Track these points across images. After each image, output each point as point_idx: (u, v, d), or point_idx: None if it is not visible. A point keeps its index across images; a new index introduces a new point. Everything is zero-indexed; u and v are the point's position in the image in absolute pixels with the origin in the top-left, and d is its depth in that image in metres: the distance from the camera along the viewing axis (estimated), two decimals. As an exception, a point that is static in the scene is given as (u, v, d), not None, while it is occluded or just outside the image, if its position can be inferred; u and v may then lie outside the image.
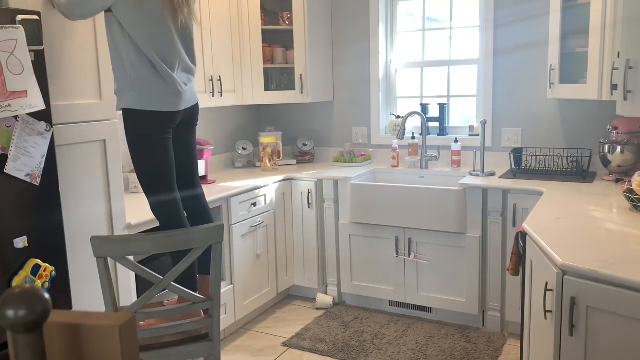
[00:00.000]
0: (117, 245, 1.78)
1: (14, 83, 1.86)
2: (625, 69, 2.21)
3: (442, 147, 3.80)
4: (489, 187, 3.12)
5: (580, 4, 2.95)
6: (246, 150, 4.11)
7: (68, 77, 2.21)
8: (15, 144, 1.92)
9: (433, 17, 3.96)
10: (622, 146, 3.02)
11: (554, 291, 1.74)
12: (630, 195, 2.29)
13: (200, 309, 1.93)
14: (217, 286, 1.93)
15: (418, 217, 3.29)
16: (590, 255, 1.75)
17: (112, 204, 2.43)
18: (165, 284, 1.83)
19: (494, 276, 3.20)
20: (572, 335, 1.68)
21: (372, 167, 3.88)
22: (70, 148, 2.22)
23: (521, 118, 3.59)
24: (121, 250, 1.79)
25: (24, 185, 1.97)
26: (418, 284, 3.40)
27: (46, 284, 2.06)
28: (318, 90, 3.97)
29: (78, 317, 0.79)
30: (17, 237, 1.96)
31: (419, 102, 4.00)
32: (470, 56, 3.78)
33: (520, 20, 3.50)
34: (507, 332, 3.24)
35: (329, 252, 3.69)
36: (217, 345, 1.99)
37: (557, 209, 2.43)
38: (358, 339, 3.20)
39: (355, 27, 4.05)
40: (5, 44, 1.85)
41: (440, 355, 2.99)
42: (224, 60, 3.61)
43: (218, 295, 1.94)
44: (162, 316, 1.92)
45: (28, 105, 1.90)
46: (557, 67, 3.12)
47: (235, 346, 3.18)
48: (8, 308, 0.66)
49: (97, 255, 1.77)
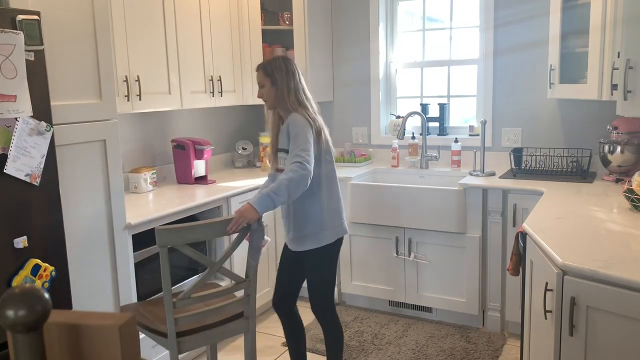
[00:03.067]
0: (180, 234, 1.95)
1: (4, 87, 1.85)
2: (625, 69, 2.21)
3: (442, 147, 3.80)
4: (489, 187, 3.12)
5: (580, 4, 2.95)
6: (246, 150, 4.11)
7: (68, 77, 2.21)
8: (15, 144, 1.92)
9: (433, 17, 3.96)
10: (622, 146, 3.02)
11: (554, 291, 1.74)
12: (630, 195, 2.29)
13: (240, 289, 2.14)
14: (254, 267, 2.16)
15: (418, 217, 3.29)
16: (590, 255, 1.75)
17: (112, 204, 2.43)
18: (217, 267, 2.05)
19: (494, 276, 3.20)
20: (572, 335, 1.68)
21: (372, 167, 3.88)
22: (70, 148, 2.22)
23: (521, 118, 3.59)
24: (183, 238, 1.96)
25: (24, 185, 1.97)
26: (418, 284, 3.40)
27: (46, 284, 2.06)
28: (318, 90, 3.97)
29: (78, 317, 0.79)
30: (17, 237, 1.96)
31: (419, 102, 4.00)
32: (470, 56, 3.78)
33: (520, 20, 3.50)
34: (507, 332, 3.24)
35: (329, 252, 3.68)
36: (253, 322, 2.20)
37: (557, 209, 2.43)
38: (358, 339, 3.20)
39: (355, 27, 4.05)
40: (3, 47, 1.85)
41: (440, 355, 2.99)
42: (224, 60, 3.61)
43: (254, 275, 2.17)
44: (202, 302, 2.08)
45: (15, 109, 1.89)
46: (557, 67, 3.12)
47: (235, 346, 3.18)
48: (8, 308, 0.67)
49: (161, 245, 1.92)
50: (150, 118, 3.47)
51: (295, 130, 2.29)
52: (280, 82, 2.38)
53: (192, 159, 3.44)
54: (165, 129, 3.61)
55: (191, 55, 3.30)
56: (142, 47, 2.94)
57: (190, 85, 3.30)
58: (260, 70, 2.43)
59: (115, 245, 2.45)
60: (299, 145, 2.25)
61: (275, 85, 2.39)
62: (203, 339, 2.11)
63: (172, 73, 3.15)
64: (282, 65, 2.40)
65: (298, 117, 2.33)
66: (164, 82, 3.11)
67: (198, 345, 2.13)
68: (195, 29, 3.33)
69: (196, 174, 3.49)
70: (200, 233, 2.01)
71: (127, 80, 2.82)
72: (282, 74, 2.38)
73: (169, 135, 3.61)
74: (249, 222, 2.09)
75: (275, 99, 2.41)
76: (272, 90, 2.40)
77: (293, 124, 2.32)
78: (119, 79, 2.78)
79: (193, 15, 3.31)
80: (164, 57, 3.10)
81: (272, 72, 2.39)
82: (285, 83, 2.38)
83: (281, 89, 2.38)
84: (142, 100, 2.92)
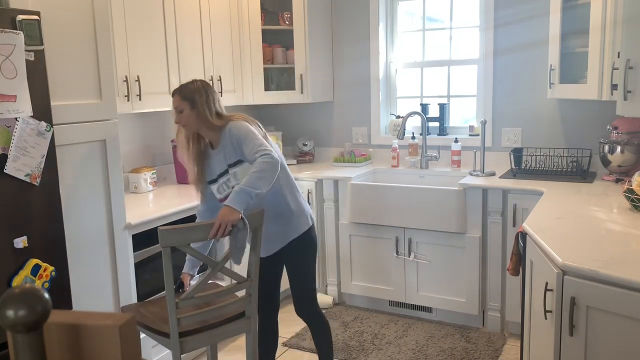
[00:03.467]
0: (182, 235, 1.96)
1: (4, 86, 1.86)
2: (625, 69, 2.21)
3: (442, 147, 3.80)
4: (489, 187, 3.12)
5: (580, 4, 2.95)
6: (246, 150, 4.10)
7: (68, 77, 2.21)
8: (15, 144, 1.92)
9: (433, 17, 3.96)
10: (622, 146, 3.02)
11: (554, 291, 1.74)
12: (630, 195, 2.29)
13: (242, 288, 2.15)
14: (256, 267, 2.17)
15: (418, 217, 3.29)
16: (590, 255, 1.75)
17: (112, 204, 2.43)
18: (219, 267, 2.08)
19: (494, 276, 3.20)
20: (572, 335, 1.68)
21: (372, 167, 3.88)
22: (70, 148, 2.22)
23: (521, 118, 3.59)
24: (186, 239, 1.98)
25: (24, 185, 1.97)
26: (418, 284, 3.40)
27: (46, 284, 2.06)
28: (318, 90, 3.97)
29: (78, 317, 0.79)
30: (17, 237, 1.96)
31: (419, 102, 4.00)
32: (470, 56, 3.78)
33: (520, 20, 3.50)
34: (507, 332, 3.24)
35: (329, 252, 3.69)
36: (255, 321, 2.22)
37: (557, 209, 2.43)
38: (358, 339, 3.20)
39: (355, 27, 4.05)
40: (3, 47, 1.85)
41: (440, 355, 2.99)
42: (224, 60, 3.61)
43: (256, 274, 2.18)
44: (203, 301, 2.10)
45: (15, 110, 1.89)
46: (557, 67, 3.12)
47: (235, 346, 3.18)
48: (8, 308, 0.67)
49: (163, 245, 1.93)
50: (150, 118, 3.47)
51: (241, 134, 2.25)
52: (201, 104, 2.27)
53: (192, 159, 3.44)
54: (165, 129, 3.61)
55: (191, 55, 3.30)
56: (142, 47, 2.94)
57: (190, 85, 3.30)
58: (177, 95, 2.29)
59: (115, 245, 2.45)
60: (252, 143, 2.21)
61: (196, 109, 2.27)
62: (205, 339, 2.11)
63: (172, 73, 3.15)
64: (200, 88, 2.30)
65: (235, 123, 2.28)
66: (164, 82, 3.11)
67: (200, 345, 2.14)
68: (195, 29, 3.33)
69: (196, 174, 3.49)
70: (202, 233, 2.02)
71: (127, 80, 2.82)
72: (201, 97, 2.28)
73: (169, 135, 3.61)
74: (232, 223, 2.05)
75: (196, 122, 2.28)
76: (192, 113, 2.27)
77: (235, 130, 2.26)
78: (119, 79, 2.78)
79: (193, 15, 3.31)
80: (164, 57, 3.10)
81: (191, 95, 2.27)
82: (205, 104, 2.28)
83: (202, 110, 2.27)
84: (142, 100, 2.92)
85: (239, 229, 2.08)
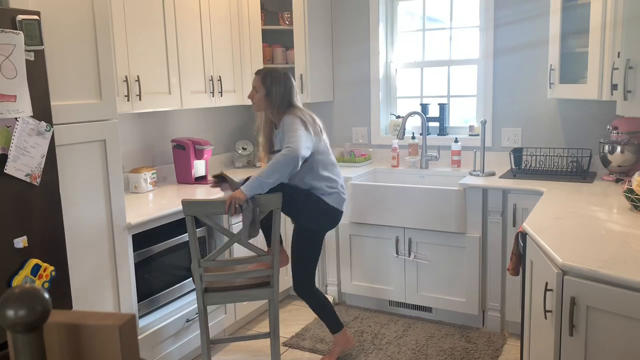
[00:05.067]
0: (201, 207, 2.45)
1: (4, 86, 1.85)
2: (625, 69, 2.21)
3: (442, 147, 3.80)
4: (489, 187, 3.12)
5: (580, 4, 2.95)
6: (246, 150, 4.11)
7: (68, 77, 2.21)
8: (15, 143, 1.92)
9: (433, 17, 3.96)
10: (622, 146, 3.02)
11: (554, 291, 1.74)
12: (630, 195, 2.29)
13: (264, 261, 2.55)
14: (276, 244, 2.54)
15: (418, 217, 3.29)
16: (590, 255, 1.75)
17: (112, 204, 2.43)
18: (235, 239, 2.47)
19: (494, 276, 3.20)
20: (572, 335, 1.68)
21: (372, 167, 3.88)
22: (70, 148, 2.22)
23: (521, 118, 3.59)
24: (204, 210, 2.45)
25: (24, 185, 1.97)
26: (418, 284, 3.40)
27: (46, 284, 2.06)
28: (318, 90, 3.97)
29: (78, 317, 0.79)
30: (17, 237, 1.96)
31: (419, 102, 4.00)
32: (470, 56, 3.78)
33: (520, 20, 3.50)
34: (507, 332, 3.24)
35: (329, 251, 3.68)
36: (276, 292, 2.60)
37: (557, 209, 2.43)
38: (358, 339, 3.20)
39: (355, 27, 4.05)
40: (3, 47, 1.85)
41: (440, 355, 2.99)
42: (224, 60, 3.61)
43: (277, 250, 2.55)
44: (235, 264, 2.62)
45: (15, 110, 1.89)
46: (557, 67, 3.12)
47: (235, 345, 3.19)
48: (8, 308, 0.66)
49: (186, 214, 2.41)
50: (150, 118, 3.47)
51: (287, 126, 2.59)
52: (275, 95, 2.66)
53: (192, 159, 3.44)
54: (165, 129, 3.61)
55: (191, 55, 3.30)
56: (142, 47, 2.94)
57: (190, 85, 3.30)
58: (259, 77, 2.67)
59: (115, 245, 2.45)
60: (289, 136, 2.55)
61: (270, 96, 2.66)
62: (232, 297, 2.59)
63: (172, 73, 3.15)
64: (281, 80, 2.65)
65: (289, 116, 2.62)
66: (164, 82, 3.11)
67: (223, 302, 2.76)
68: (195, 29, 3.33)
69: (196, 174, 3.49)
70: (217, 207, 2.45)
71: (127, 80, 2.82)
72: (278, 88, 2.64)
73: (169, 135, 3.61)
74: (238, 202, 2.39)
75: (264, 105, 2.70)
76: (264, 98, 2.68)
77: (286, 121, 2.61)
78: (119, 79, 2.78)
79: (193, 16, 3.31)
80: (164, 57, 3.10)
81: (270, 84, 2.64)
82: (279, 97, 2.66)
83: (273, 100, 2.66)
84: (142, 100, 2.92)
85: (244, 209, 2.41)
